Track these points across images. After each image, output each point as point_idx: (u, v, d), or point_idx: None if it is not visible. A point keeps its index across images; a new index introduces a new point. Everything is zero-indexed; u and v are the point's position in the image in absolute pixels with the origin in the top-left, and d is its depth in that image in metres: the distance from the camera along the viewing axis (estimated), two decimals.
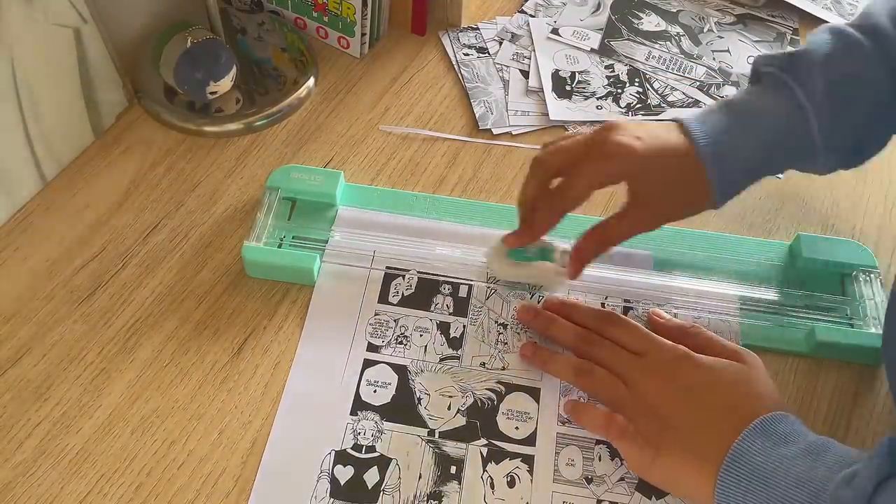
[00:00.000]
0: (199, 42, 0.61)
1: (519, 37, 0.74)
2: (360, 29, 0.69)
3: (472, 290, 0.56)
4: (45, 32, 0.55)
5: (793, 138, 0.50)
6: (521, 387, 0.52)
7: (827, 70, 0.49)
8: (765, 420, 0.44)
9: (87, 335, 0.53)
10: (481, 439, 0.49)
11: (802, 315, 0.55)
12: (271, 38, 0.71)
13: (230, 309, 0.54)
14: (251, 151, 0.64)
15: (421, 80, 0.70)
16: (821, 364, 0.54)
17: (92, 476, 0.47)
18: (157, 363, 0.52)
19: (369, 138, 0.65)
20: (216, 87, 0.63)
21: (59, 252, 0.57)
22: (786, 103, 0.50)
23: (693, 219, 0.61)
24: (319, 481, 0.47)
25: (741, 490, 0.42)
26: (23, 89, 0.55)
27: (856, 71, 0.49)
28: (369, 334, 0.53)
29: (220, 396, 0.50)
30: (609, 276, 0.57)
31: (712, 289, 0.56)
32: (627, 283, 0.56)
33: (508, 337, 0.54)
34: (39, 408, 0.49)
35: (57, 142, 0.60)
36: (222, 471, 0.48)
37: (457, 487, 0.47)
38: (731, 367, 0.48)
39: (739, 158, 0.49)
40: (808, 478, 0.41)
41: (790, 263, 0.59)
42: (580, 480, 0.48)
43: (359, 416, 0.50)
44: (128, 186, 0.61)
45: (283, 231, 0.57)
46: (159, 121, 0.65)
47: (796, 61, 0.50)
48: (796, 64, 0.50)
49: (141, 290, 0.55)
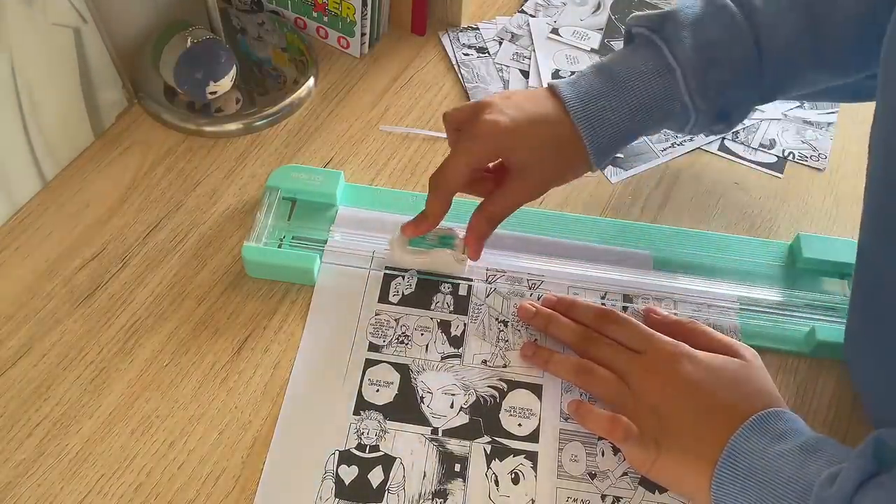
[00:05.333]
0: (199, 42, 0.61)
1: (519, 37, 0.74)
2: (360, 29, 0.69)
3: (472, 288, 0.56)
4: (45, 32, 0.55)
5: (662, 98, 0.50)
6: (524, 384, 0.52)
7: (695, 32, 0.50)
8: (761, 417, 0.44)
9: (87, 335, 0.52)
10: (485, 437, 0.49)
11: (802, 315, 0.55)
12: (271, 38, 0.71)
13: (230, 309, 0.54)
14: (251, 151, 0.64)
15: (421, 80, 0.70)
16: (821, 364, 0.54)
17: (92, 476, 0.47)
18: (157, 363, 0.52)
19: (369, 138, 0.65)
20: (216, 87, 0.63)
21: (59, 252, 0.56)
22: (655, 63, 0.50)
23: (693, 219, 0.62)
24: (324, 482, 0.47)
25: (736, 487, 0.43)
26: (23, 89, 0.54)
27: (722, 36, 0.50)
28: (370, 334, 0.53)
29: (220, 396, 0.50)
30: (609, 276, 0.57)
31: (712, 289, 0.56)
32: (627, 284, 0.56)
33: (509, 334, 0.54)
34: (39, 408, 0.49)
35: (57, 142, 0.59)
36: (222, 471, 0.47)
37: (461, 485, 0.47)
38: (729, 365, 0.48)
39: (611, 119, 0.50)
40: (799, 476, 0.41)
41: (790, 263, 0.59)
42: (584, 476, 0.48)
43: (362, 416, 0.50)
44: (128, 186, 0.61)
45: (282, 231, 0.57)
46: (159, 121, 0.64)
47: (666, 22, 0.50)
48: (666, 25, 0.50)
49: (141, 290, 0.55)
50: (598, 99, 0.50)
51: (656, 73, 0.50)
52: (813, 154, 0.67)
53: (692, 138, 0.67)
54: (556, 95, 0.51)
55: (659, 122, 0.52)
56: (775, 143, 0.68)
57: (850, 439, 0.51)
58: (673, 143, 0.67)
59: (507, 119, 0.49)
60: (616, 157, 0.65)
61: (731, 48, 0.50)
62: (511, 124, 0.49)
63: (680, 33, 0.50)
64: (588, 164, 0.51)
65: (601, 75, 0.51)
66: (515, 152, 0.50)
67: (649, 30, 0.51)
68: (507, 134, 0.49)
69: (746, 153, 0.67)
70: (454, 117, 0.52)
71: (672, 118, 0.52)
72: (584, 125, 0.50)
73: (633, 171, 0.65)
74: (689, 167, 0.66)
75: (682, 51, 0.50)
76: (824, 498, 0.39)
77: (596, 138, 0.50)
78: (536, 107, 0.50)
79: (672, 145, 0.67)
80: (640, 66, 0.50)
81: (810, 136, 0.69)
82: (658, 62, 0.50)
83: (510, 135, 0.49)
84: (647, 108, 0.51)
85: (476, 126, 0.49)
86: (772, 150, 0.67)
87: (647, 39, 0.51)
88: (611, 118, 0.50)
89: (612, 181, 0.64)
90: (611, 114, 0.50)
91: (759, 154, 0.67)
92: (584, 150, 0.50)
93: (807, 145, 0.68)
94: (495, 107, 0.50)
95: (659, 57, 0.50)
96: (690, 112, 0.51)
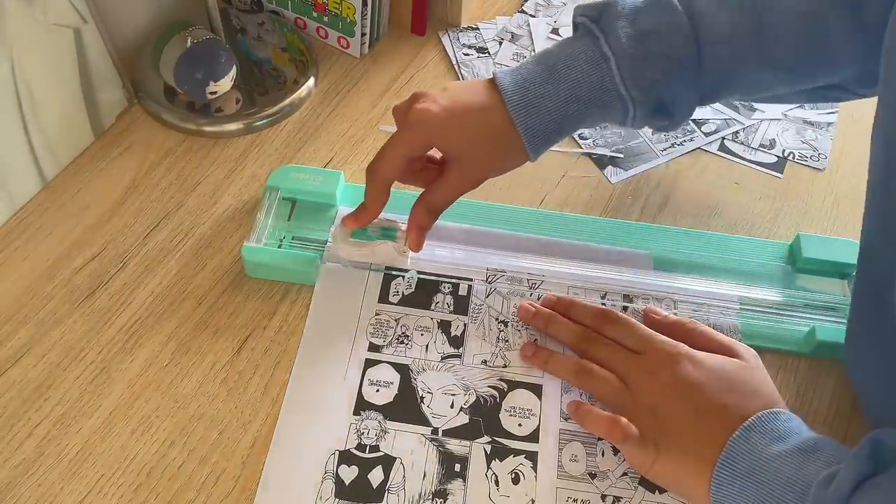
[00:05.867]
0: (199, 42, 0.61)
1: (519, 37, 0.74)
2: (360, 29, 0.69)
3: (473, 288, 0.56)
4: (45, 32, 0.55)
5: (598, 88, 0.50)
6: (524, 384, 0.52)
7: (633, 22, 0.49)
8: (760, 417, 0.44)
9: (87, 335, 0.52)
10: (485, 437, 0.49)
11: (802, 315, 0.55)
12: (271, 38, 0.71)
13: (230, 309, 0.54)
14: (251, 151, 0.64)
15: (421, 80, 0.70)
16: (821, 364, 0.54)
17: (92, 476, 0.47)
18: (157, 363, 0.52)
19: (369, 138, 0.65)
20: (216, 87, 0.63)
21: (59, 252, 0.56)
22: (591, 53, 0.50)
23: (693, 219, 0.62)
24: (324, 482, 0.47)
25: (735, 488, 0.43)
26: (23, 89, 0.54)
27: (659, 27, 0.49)
28: (370, 334, 0.53)
29: (220, 396, 0.50)
30: (609, 276, 0.57)
31: (712, 289, 0.56)
32: (627, 284, 0.56)
33: (509, 334, 0.54)
34: (39, 408, 0.49)
35: (57, 142, 0.59)
36: (222, 471, 0.47)
37: (461, 485, 0.47)
38: (729, 365, 0.48)
39: (547, 107, 0.50)
40: (798, 477, 0.41)
41: (790, 263, 0.59)
42: (584, 476, 0.48)
43: (362, 416, 0.50)
44: (128, 186, 0.61)
45: (282, 231, 0.57)
46: (159, 121, 0.64)
47: (605, 11, 0.50)
48: (605, 14, 0.50)
49: (141, 290, 0.55)
50: (535, 86, 0.50)
51: (591, 62, 0.49)
52: (813, 154, 0.67)
53: (692, 138, 0.67)
54: (495, 84, 0.50)
55: (597, 114, 0.51)
56: (775, 143, 0.68)
57: (850, 439, 0.51)
58: (673, 143, 0.67)
59: (437, 108, 0.49)
60: (616, 157, 0.65)
61: (667, 39, 0.49)
62: (442, 112, 0.49)
63: (616, 22, 0.49)
64: (525, 153, 0.51)
65: (540, 64, 0.51)
66: (449, 140, 0.50)
67: (590, 19, 0.50)
68: (438, 122, 0.49)
69: (746, 153, 0.67)
70: (398, 109, 0.52)
71: (610, 110, 0.51)
72: (517, 113, 0.49)
73: (633, 171, 0.65)
74: (689, 167, 0.66)
75: (616, 39, 0.49)
76: (821, 498, 0.38)
77: (530, 126, 0.50)
78: (472, 95, 0.50)
79: (672, 145, 0.67)
80: (578, 54, 0.50)
81: (810, 137, 0.69)
82: (594, 52, 0.50)
83: (442, 123, 0.49)
84: (582, 98, 0.50)
85: (409, 115, 0.49)
86: (772, 150, 0.67)
87: (587, 29, 0.51)
88: (546, 106, 0.50)
89: (612, 181, 0.64)
90: (546, 101, 0.50)
91: (759, 154, 0.67)
92: (518, 138, 0.50)
93: (807, 145, 0.68)
94: (429, 96, 0.49)
95: (595, 46, 0.50)
96: (628, 104, 0.50)
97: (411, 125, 0.49)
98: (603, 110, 0.51)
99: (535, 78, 0.50)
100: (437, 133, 0.49)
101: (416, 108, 0.49)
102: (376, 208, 0.52)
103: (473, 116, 0.49)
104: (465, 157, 0.50)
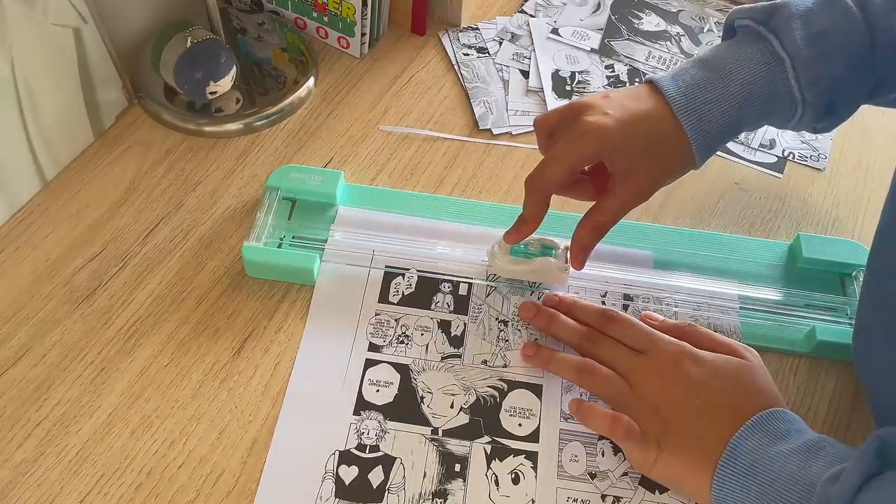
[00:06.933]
0: (199, 42, 0.61)
1: (519, 37, 0.74)
2: (360, 29, 0.69)
3: (473, 288, 0.56)
4: (45, 32, 0.55)
5: (770, 90, 0.49)
6: (524, 384, 0.52)
7: (806, 23, 0.49)
8: (762, 417, 0.44)
9: (87, 335, 0.52)
10: (485, 437, 0.49)
11: (802, 315, 0.55)
12: (271, 38, 0.71)
13: (230, 309, 0.54)
14: (251, 151, 0.64)
15: (421, 80, 0.70)
16: (821, 364, 0.54)
17: (92, 476, 0.47)
18: (157, 363, 0.51)
19: (369, 138, 0.65)
20: (216, 87, 0.63)
21: (59, 252, 0.56)
22: (763, 55, 0.49)
23: (693, 219, 0.62)
24: (324, 482, 0.47)
25: (737, 487, 0.43)
26: (23, 89, 0.54)
27: (835, 27, 0.49)
28: (370, 334, 0.53)
29: (220, 396, 0.50)
30: (609, 276, 0.57)
31: (712, 288, 0.56)
32: (628, 283, 0.56)
33: (509, 334, 0.54)
34: (39, 408, 0.49)
35: (57, 142, 0.59)
36: (222, 471, 0.47)
37: (461, 485, 0.47)
38: (731, 364, 0.48)
39: (715, 112, 0.49)
40: (801, 476, 0.41)
41: (790, 263, 0.59)
42: (584, 476, 0.48)
43: (362, 416, 0.50)
44: (128, 186, 0.61)
45: (283, 231, 0.57)
46: (159, 121, 0.64)
47: (775, 13, 0.49)
48: (775, 16, 0.49)
49: (141, 290, 0.55)
50: (702, 91, 0.49)
51: (764, 64, 0.49)
52: (813, 154, 0.67)
53: None
54: (658, 90, 0.49)
55: (764, 116, 0.51)
56: (775, 144, 0.68)
57: (851, 439, 0.51)
58: None
59: (610, 120, 0.47)
60: None
61: (844, 40, 0.48)
62: (615, 124, 0.47)
63: (790, 24, 0.48)
64: (693, 160, 0.50)
65: (704, 68, 0.49)
66: (621, 152, 0.48)
67: (756, 21, 0.50)
68: (611, 134, 0.47)
69: (746, 153, 0.67)
70: (547, 120, 0.51)
71: (778, 112, 0.50)
72: (686, 118, 0.48)
73: None
74: None
75: (792, 41, 0.48)
76: (827, 497, 0.38)
77: (700, 132, 0.48)
78: (638, 104, 0.49)
79: None
80: (748, 57, 0.49)
81: (810, 137, 0.69)
82: (766, 53, 0.49)
83: (615, 136, 0.47)
84: (754, 101, 0.49)
85: (578, 127, 0.48)
86: (772, 151, 0.67)
87: (754, 31, 0.50)
88: (715, 111, 0.49)
89: None
90: (715, 106, 0.49)
91: (759, 154, 0.67)
92: (687, 145, 0.49)
93: (807, 145, 0.68)
94: (596, 107, 0.48)
95: (767, 48, 0.49)
96: (798, 106, 0.50)
97: (582, 137, 0.47)
98: (771, 113, 0.50)
99: (701, 82, 0.49)
100: (610, 146, 0.48)
101: (588, 121, 0.47)
102: (537, 222, 0.50)
103: (642, 128, 0.48)
104: (635, 169, 0.49)
